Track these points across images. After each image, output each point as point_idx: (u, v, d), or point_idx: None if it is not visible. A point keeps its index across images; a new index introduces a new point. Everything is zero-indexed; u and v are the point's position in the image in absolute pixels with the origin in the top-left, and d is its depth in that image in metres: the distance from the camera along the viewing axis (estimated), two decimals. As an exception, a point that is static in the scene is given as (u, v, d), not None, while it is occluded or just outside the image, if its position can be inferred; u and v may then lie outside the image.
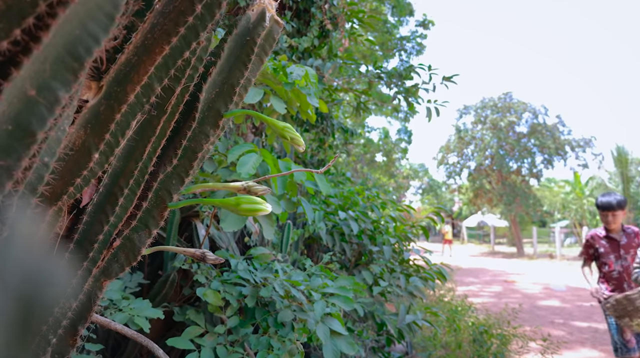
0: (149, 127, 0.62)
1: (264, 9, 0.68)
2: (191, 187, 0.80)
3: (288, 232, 2.32)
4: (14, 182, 0.40)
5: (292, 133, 0.71)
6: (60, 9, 0.34)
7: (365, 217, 3.25)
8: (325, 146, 4.58)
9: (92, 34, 0.39)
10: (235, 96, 0.69)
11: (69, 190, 0.57)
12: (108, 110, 0.54)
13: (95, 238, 0.67)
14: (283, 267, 1.96)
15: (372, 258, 3.29)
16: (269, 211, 0.70)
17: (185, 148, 0.70)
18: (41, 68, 0.38)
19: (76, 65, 0.39)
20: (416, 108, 4.84)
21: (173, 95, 0.61)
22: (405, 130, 20.66)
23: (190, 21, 0.51)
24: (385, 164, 20.23)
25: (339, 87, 4.49)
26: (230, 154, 1.26)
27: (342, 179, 4.52)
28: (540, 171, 22.17)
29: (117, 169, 0.64)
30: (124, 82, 0.53)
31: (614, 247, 3.50)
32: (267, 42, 0.70)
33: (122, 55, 0.52)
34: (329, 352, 1.84)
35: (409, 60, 12.00)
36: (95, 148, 0.55)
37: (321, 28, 3.89)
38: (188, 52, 0.54)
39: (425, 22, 12.26)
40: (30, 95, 0.38)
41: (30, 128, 0.38)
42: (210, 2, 0.52)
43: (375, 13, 9.72)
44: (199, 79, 0.66)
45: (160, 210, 0.73)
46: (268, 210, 0.70)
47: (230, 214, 1.37)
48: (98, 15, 0.39)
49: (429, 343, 4.44)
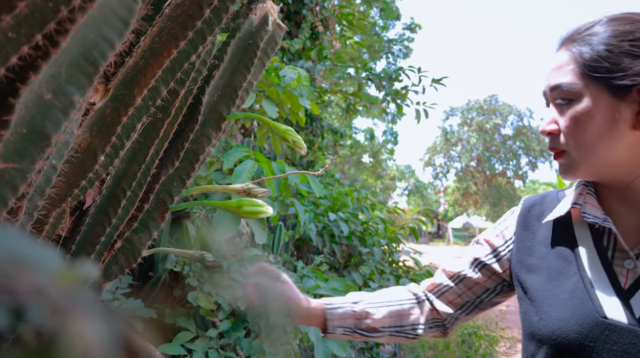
0: (152, 129, 0.62)
1: (267, 13, 0.69)
2: (191, 189, 0.80)
3: (280, 234, 2.33)
4: (27, 184, 0.40)
5: (294, 136, 0.72)
6: (80, 14, 0.34)
7: (355, 219, 3.27)
8: (314, 147, 4.59)
9: (108, 38, 0.39)
10: (237, 99, 0.70)
11: (74, 192, 0.57)
12: (114, 113, 0.54)
13: (97, 240, 0.67)
14: (275, 268, 1.96)
15: (361, 259, 3.30)
16: (271, 213, 0.71)
17: (187, 150, 0.70)
18: (57, 72, 0.38)
19: (91, 69, 0.39)
20: (404, 110, 4.88)
21: (177, 98, 0.61)
22: (391, 131, 20.78)
23: (198, 25, 0.52)
24: (372, 165, 20.32)
25: (328, 89, 4.51)
26: (226, 160, 1.26)
27: (330, 181, 4.54)
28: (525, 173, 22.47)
29: (120, 171, 0.65)
30: (131, 85, 0.53)
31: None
32: (269, 46, 0.71)
33: (130, 58, 0.52)
34: (320, 354, 1.85)
35: (396, 63, 12.07)
36: (101, 150, 0.55)
37: (312, 30, 3.90)
38: (194, 56, 0.55)
39: (412, 25, 12.36)
40: (46, 99, 0.38)
41: (45, 131, 0.39)
42: (218, 6, 0.52)
43: (363, 16, 9.77)
44: (202, 82, 0.67)
45: (161, 212, 0.74)
46: (270, 213, 0.70)
47: (223, 220, 1.37)
48: (113, 20, 0.39)
49: (417, 345, 4.47)
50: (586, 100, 0.74)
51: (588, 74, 0.74)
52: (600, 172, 0.77)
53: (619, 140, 0.73)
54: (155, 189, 0.71)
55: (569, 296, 0.77)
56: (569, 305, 0.76)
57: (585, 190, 0.84)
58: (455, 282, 1.00)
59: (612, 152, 0.74)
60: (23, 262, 0.12)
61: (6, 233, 0.13)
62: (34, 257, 0.12)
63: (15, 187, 0.39)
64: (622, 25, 0.73)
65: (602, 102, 0.73)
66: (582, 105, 0.75)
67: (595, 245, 0.79)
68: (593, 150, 0.75)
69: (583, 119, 0.75)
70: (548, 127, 0.81)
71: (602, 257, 0.77)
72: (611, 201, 0.81)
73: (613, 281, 0.74)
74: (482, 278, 0.97)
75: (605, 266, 0.76)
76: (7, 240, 0.12)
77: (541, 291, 0.81)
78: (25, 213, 0.47)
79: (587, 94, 0.74)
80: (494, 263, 0.95)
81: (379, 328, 1.01)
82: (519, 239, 0.92)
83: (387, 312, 1.01)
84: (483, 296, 0.98)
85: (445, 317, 1.01)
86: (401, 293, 1.06)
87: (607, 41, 0.73)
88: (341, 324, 1.01)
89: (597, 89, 0.73)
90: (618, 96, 0.72)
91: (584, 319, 0.73)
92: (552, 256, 0.84)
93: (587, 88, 0.74)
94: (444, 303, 1.01)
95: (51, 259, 0.13)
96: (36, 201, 0.49)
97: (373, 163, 20.51)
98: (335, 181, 4.61)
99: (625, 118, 0.72)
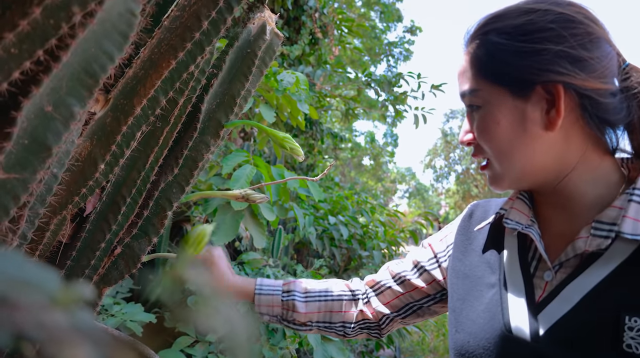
0: (152, 137, 0.64)
1: (265, 22, 0.70)
2: (191, 195, 0.81)
3: (279, 237, 2.34)
4: (28, 194, 0.41)
5: (291, 143, 0.73)
6: (80, 30, 0.36)
7: (354, 222, 3.28)
8: (314, 151, 4.60)
9: (107, 52, 0.40)
10: (235, 107, 0.71)
11: (74, 199, 0.58)
12: (114, 122, 0.55)
13: (97, 246, 0.68)
14: (275, 272, 1.97)
15: (361, 263, 3.31)
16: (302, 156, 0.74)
17: (186, 157, 0.71)
18: (58, 85, 0.39)
19: (91, 81, 0.40)
20: (404, 114, 4.89)
21: (176, 107, 0.62)
22: (391, 133, 20.81)
23: (197, 37, 0.53)
24: (373, 168, 20.34)
25: (328, 94, 4.52)
26: (225, 165, 1.28)
27: (330, 184, 4.55)
28: (525, 176, 22.47)
29: (120, 178, 0.66)
30: (130, 95, 0.54)
31: None
32: (267, 55, 0.72)
33: (130, 69, 0.54)
34: (320, 357, 1.85)
35: (396, 65, 12.11)
36: (101, 159, 0.56)
37: (311, 36, 3.92)
38: (193, 66, 0.56)
39: (412, 28, 12.41)
40: (47, 111, 0.39)
41: (47, 142, 0.40)
42: (216, 18, 0.53)
43: (363, 19, 9.80)
44: (201, 91, 0.68)
45: (160, 218, 0.75)
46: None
47: (222, 226, 1.38)
48: (113, 34, 0.40)
49: (417, 348, 4.47)
50: (490, 106, 0.69)
51: (486, 77, 0.69)
52: (527, 180, 0.71)
53: (534, 144, 0.67)
54: (154, 196, 0.72)
55: (484, 308, 0.72)
56: (481, 318, 0.72)
57: (516, 194, 0.78)
58: (397, 282, 0.95)
59: (530, 158, 0.68)
60: (22, 285, 0.12)
61: (6, 257, 0.14)
62: (32, 279, 0.13)
63: (17, 197, 0.40)
64: (514, 19, 0.67)
65: (504, 106, 0.67)
66: (487, 112, 0.69)
67: (520, 255, 0.73)
68: (510, 158, 0.69)
69: (490, 127, 0.69)
70: (465, 137, 0.75)
71: (524, 267, 0.72)
72: (542, 207, 0.75)
73: (529, 294, 0.68)
74: (421, 284, 0.92)
75: (525, 277, 0.70)
76: (7, 264, 0.13)
77: (461, 301, 0.77)
78: (26, 222, 0.48)
79: (489, 99, 0.69)
80: (435, 270, 0.90)
81: (306, 322, 0.98)
82: (456, 245, 0.86)
83: (317, 307, 0.98)
84: (422, 302, 0.93)
85: (380, 317, 0.96)
86: (337, 287, 1.02)
87: (498, 40, 0.67)
88: (268, 311, 0.98)
89: (497, 92, 0.68)
90: (521, 98, 0.66)
91: (492, 333, 0.69)
92: (481, 264, 0.78)
93: (489, 92, 0.69)
94: (381, 303, 0.96)
95: (49, 281, 0.14)
96: (37, 209, 0.50)
97: (373, 165, 20.54)
98: (334, 185, 4.62)
99: (534, 119, 0.66)
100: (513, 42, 0.65)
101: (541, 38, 0.64)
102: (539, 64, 0.64)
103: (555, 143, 0.67)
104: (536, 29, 0.65)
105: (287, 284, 1.01)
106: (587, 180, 0.68)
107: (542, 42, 0.64)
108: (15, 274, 0.13)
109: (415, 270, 0.94)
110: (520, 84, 0.66)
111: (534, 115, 0.66)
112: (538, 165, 0.68)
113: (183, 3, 0.55)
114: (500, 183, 0.72)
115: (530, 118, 0.66)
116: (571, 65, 0.63)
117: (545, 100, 0.65)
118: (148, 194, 0.71)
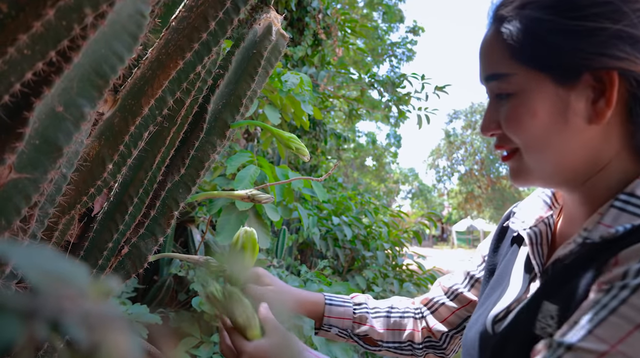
0: (159, 137, 0.64)
1: (271, 23, 0.70)
2: (196, 195, 0.82)
3: (283, 238, 2.34)
4: (39, 194, 0.42)
5: (297, 143, 0.73)
6: (92, 31, 0.36)
7: (358, 223, 3.28)
8: (317, 152, 4.61)
9: (117, 53, 0.41)
10: (241, 107, 0.71)
11: (83, 199, 0.58)
12: (122, 122, 0.55)
13: (105, 246, 0.68)
14: (279, 272, 1.98)
15: (365, 263, 3.31)
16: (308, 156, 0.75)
17: (192, 157, 0.72)
18: (69, 85, 0.40)
19: (101, 82, 0.41)
20: (407, 115, 4.90)
21: (183, 107, 0.63)
22: (394, 134, 20.81)
23: (204, 37, 0.53)
24: (376, 169, 20.33)
25: (331, 95, 4.53)
26: (229, 165, 1.28)
27: (333, 185, 4.55)
28: (529, 176, 22.44)
29: (128, 178, 0.66)
30: (138, 95, 0.55)
31: None
32: (272, 55, 0.73)
33: (138, 69, 0.54)
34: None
35: (399, 66, 12.11)
36: (110, 159, 0.56)
37: (314, 37, 3.93)
38: (200, 67, 0.56)
39: (415, 28, 12.41)
40: (58, 111, 0.40)
41: (57, 143, 0.40)
42: (223, 19, 0.54)
43: (365, 19, 9.80)
44: (208, 91, 0.68)
45: (167, 218, 0.75)
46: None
47: (226, 226, 1.38)
48: (123, 36, 0.41)
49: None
50: (525, 94, 0.58)
51: (522, 61, 0.58)
52: (556, 178, 0.61)
53: (574, 138, 0.57)
54: (161, 196, 0.72)
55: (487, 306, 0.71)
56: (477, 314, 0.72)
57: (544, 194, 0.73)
58: (450, 298, 0.89)
59: (566, 154, 0.58)
60: (57, 278, 0.13)
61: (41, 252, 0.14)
62: (65, 273, 0.13)
63: (28, 197, 0.41)
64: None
65: (544, 95, 0.57)
66: (521, 101, 0.58)
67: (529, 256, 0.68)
68: (545, 153, 0.59)
69: (524, 118, 0.58)
70: (488, 127, 0.64)
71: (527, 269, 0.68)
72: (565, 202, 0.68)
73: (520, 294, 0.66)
74: (474, 298, 0.86)
75: (525, 277, 0.67)
76: (42, 259, 0.14)
77: (484, 297, 0.75)
78: (36, 221, 0.49)
79: (525, 86, 0.58)
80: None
81: (377, 341, 0.92)
82: (492, 244, 0.82)
83: (385, 323, 0.93)
84: None
85: (439, 336, 0.90)
86: (402, 304, 0.97)
87: (539, 16, 0.55)
88: (337, 324, 0.91)
89: (536, 78, 0.57)
90: (565, 85, 0.55)
91: (477, 328, 0.69)
92: (501, 268, 0.75)
93: (525, 78, 0.58)
94: (438, 321, 0.90)
95: (80, 275, 0.14)
96: (47, 209, 0.50)
97: (377, 166, 20.53)
98: (338, 185, 4.63)
99: (578, 111, 0.55)
100: (559, 19, 0.54)
101: (595, 14, 0.53)
102: (593, 47, 0.53)
103: (594, 138, 0.57)
104: (589, 2, 0.53)
105: (355, 297, 0.96)
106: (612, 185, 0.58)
107: (597, 20, 0.53)
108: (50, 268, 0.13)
109: (466, 280, 0.88)
110: (567, 70, 0.55)
111: (578, 106, 0.55)
112: (571, 163, 0.59)
113: (190, 4, 0.55)
114: (526, 178, 0.62)
115: (573, 109, 0.56)
116: (631, 47, 0.52)
117: (591, 88, 0.55)
118: (155, 194, 0.71)
